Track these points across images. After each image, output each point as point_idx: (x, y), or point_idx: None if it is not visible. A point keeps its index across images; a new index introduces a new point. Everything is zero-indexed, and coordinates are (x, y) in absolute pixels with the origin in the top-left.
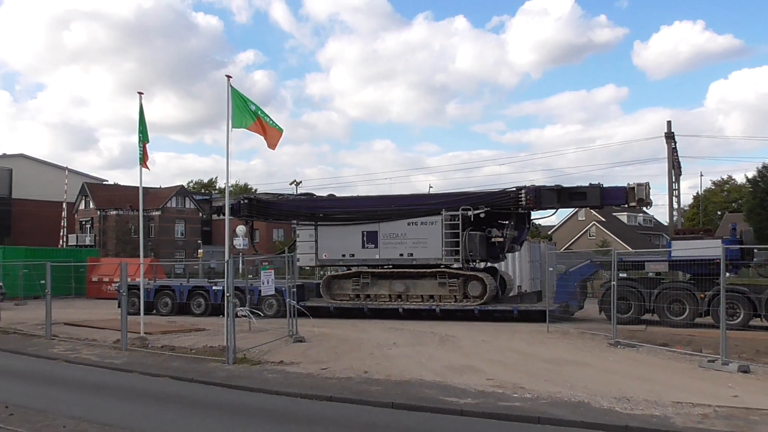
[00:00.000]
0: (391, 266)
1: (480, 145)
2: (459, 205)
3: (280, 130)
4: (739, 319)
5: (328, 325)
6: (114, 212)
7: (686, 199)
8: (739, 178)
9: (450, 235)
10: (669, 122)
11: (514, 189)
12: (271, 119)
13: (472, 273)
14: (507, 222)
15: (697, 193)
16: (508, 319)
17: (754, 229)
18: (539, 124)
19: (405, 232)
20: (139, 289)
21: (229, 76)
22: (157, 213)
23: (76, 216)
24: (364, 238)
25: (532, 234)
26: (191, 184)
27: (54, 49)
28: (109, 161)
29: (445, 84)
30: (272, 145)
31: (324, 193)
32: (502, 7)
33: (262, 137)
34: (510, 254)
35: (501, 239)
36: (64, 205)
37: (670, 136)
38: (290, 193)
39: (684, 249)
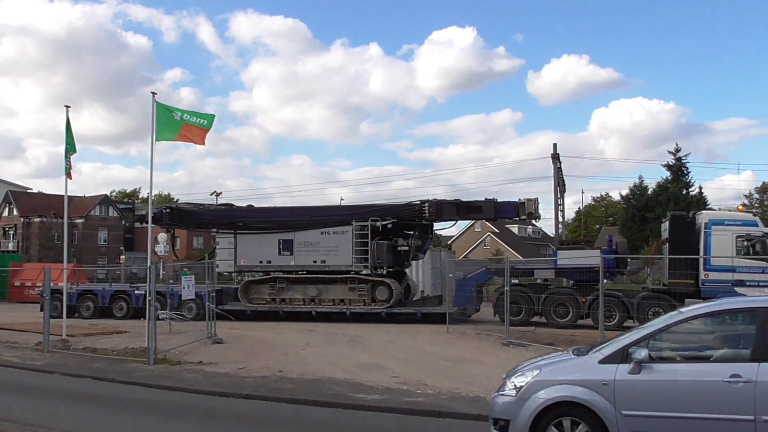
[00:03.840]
0: (305, 272)
1: (389, 161)
2: (368, 216)
3: (207, 127)
4: (615, 320)
5: (245, 328)
6: (38, 219)
7: (570, 213)
8: (615, 196)
9: (360, 244)
10: (555, 144)
11: (419, 202)
12: (198, 118)
13: (379, 279)
14: (412, 232)
15: (579, 208)
16: (411, 321)
17: (627, 240)
18: (443, 144)
19: (318, 240)
20: (62, 293)
21: (154, 93)
22: (81, 221)
23: None
24: (281, 246)
25: (434, 243)
26: (114, 194)
27: None
28: (36, 170)
29: (358, 105)
30: (202, 141)
31: (244, 204)
32: (411, 36)
33: (191, 143)
34: (414, 262)
35: (406, 248)
36: None
37: (555, 157)
38: (211, 203)
39: (568, 258)
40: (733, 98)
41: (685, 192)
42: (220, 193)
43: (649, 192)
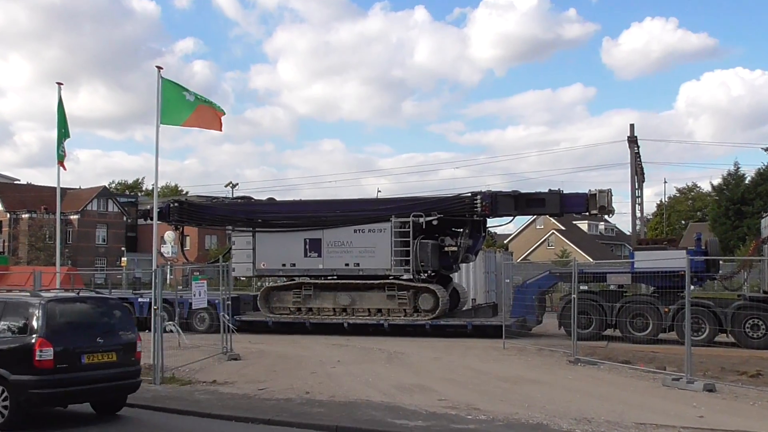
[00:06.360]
0: (335, 277)
1: (437, 146)
2: (410, 211)
3: (222, 112)
4: (704, 334)
5: (266, 342)
6: (26, 215)
7: (650, 207)
8: (705, 186)
9: (400, 244)
10: (632, 125)
11: (469, 194)
12: (212, 102)
13: (423, 285)
14: (461, 230)
15: (661, 201)
16: (461, 335)
17: (720, 239)
18: (501, 125)
19: (351, 239)
20: None
21: (159, 68)
22: (76, 217)
23: None
24: (307, 246)
25: (488, 243)
26: (114, 185)
27: None
28: (26, 158)
29: (401, 80)
30: (219, 126)
31: (264, 197)
32: None
33: (205, 128)
34: (464, 265)
35: (455, 248)
36: None
37: (633, 141)
38: (226, 196)
39: (647, 260)
40: None
41: None
42: (237, 184)
43: (746, 181)
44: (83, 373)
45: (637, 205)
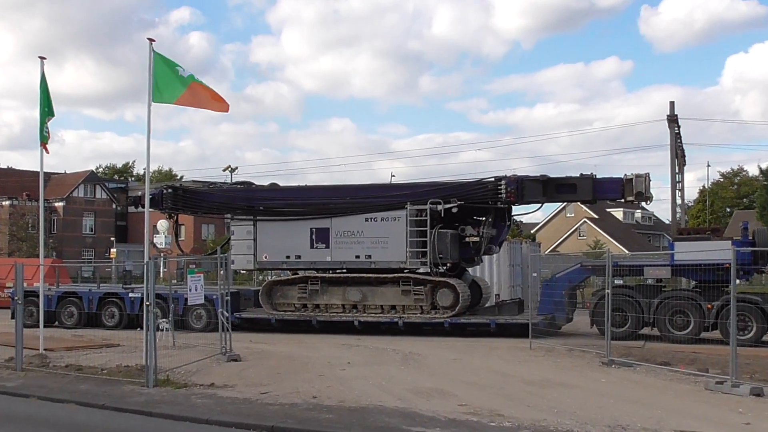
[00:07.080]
0: (345, 270)
1: (457, 126)
2: (427, 197)
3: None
4: (751, 333)
5: (269, 341)
6: (7, 202)
7: (692, 193)
8: (753, 170)
9: (416, 234)
10: (672, 103)
11: (493, 179)
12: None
13: (441, 279)
14: (484, 218)
15: (704, 186)
16: (483, 334)
17: None
18: (528, 103)
19: (362, 229)
20: (38, 297)
21: (151, 40)
22: (61, 204)
23: None
24: (313, 237)
25: (513, 233)
26: (102, 169)
27: None
28: (8, 140)
29: (418, 52)
30: (223, 105)
31: (266, 182)
32: None
33: (202, 108)
34: (487, 257)
35: (477, 239)
36: None
37: (673, 120)
38: (224, 181)
39: (688, 252)
40: None
41: None
42: (237, 168)
43: None
44: None
45: (677, 191)
